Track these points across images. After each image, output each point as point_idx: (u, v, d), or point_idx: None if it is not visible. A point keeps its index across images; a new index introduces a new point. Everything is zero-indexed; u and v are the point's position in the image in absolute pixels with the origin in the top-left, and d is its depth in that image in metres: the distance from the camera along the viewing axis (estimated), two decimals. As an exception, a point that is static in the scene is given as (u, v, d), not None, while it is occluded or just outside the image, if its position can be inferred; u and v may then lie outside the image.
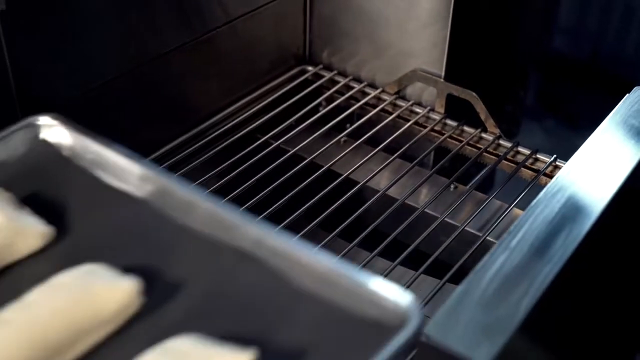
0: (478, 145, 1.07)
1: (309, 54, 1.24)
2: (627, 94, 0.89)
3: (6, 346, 0.52)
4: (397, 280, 0.81)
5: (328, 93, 1.16)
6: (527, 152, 1.04)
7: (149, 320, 0.57)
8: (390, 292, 0.58)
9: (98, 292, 0.56)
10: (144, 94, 0.99)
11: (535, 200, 0.73)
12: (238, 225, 0.63)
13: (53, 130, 0.72)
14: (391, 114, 1.12)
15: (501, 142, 1.06)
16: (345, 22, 1.18)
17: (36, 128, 0.72)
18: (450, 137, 1.08)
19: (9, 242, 0.61)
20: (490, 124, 1.06)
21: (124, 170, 0.69)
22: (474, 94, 1.06)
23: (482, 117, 1.06)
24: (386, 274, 0.85)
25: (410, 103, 1.13)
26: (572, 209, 0.72)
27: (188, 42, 1.04)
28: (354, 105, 1.15)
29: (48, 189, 0.68)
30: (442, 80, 1.10)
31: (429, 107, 1.12)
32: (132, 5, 0.93)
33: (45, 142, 0.72)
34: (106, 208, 0.67)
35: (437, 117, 1.11)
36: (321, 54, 1.23)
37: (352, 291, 0.58)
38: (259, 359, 0.53)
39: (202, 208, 0.65)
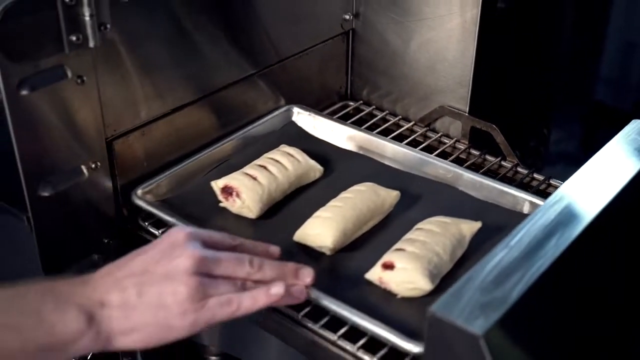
0: (498, 171, 1.20)
1: (350, 91, 1.39)
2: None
3: (339, 214, 0.99)
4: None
5: (366, 125, 1.31)
6: (541, 178, 1.17)
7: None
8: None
9: (381, 193, 1.05)
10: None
11: (536, 210, 0.87)
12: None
13: (299, 115, 1.24)
14: (422, 143, 1.27)
15: (519, 169, 1.20)
16: (382, 64, 1.33)
17: (289, 113, 1.24)
18: (473, 164, 1.22)
19: (304, 172, 1.10)
20: (509, 153, 1.19)
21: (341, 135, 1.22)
22: (494, 126, 1.20)
23: (502, 147, 1.20)
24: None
25: (439, 135, 1.28)
26: (566, 217, 0.85)
27: (243, 77, 1.20)
28: (389, 135, 1.29)
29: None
30: (466, 114, 1.24)
31: (455, 139, 1.26)
32: (201, 43, 1.11)
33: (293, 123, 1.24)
34: (340, 162, 1.17)
35: (462, 146, 1.25)
36: (361, 92, 1.38)
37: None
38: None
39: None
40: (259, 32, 1.21)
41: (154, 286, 0.78)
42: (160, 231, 1.04)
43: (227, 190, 1.05)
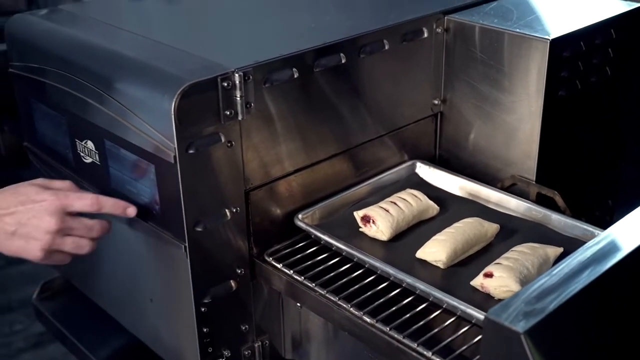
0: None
1: (439, 163, 1.67)
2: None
3: (452, 237, 1.30)
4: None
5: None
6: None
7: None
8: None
9: (485, 225, 1.35)
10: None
11: (578, 249, 1.11)
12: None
13: (421, 168, 1.57)
14: (497, 205, 1.53)
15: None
16: (465, 140, 1.61)
17: (414, 166, 1.58)
18: (538, 222, 1.47)
19: (424, 209, 1.42)
20: (567, 213, 1.44)
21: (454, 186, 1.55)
22: (556, 192, 1.45)
23: (562, 208, 1.44)
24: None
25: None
26: (601, 255, 1.09)
27: (346, 150, 1.50)
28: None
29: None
30: (533, 182, 1.49)
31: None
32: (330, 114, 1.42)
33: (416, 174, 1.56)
34: (452, 204, 1.49)
35: (532, 209, 1.50)
36: (447, 164, 1.66)
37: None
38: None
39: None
40: (377, 107, 1.52)
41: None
42: (281, 264, 1.33)
43: (366, 219, 1.39)
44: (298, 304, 1.39)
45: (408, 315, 1.21)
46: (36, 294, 1.88)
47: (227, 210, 1.31)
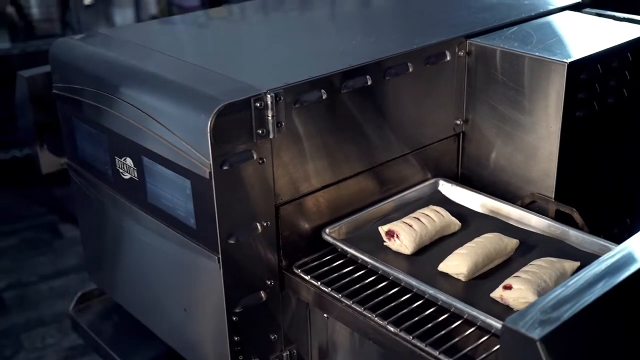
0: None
1: (460, 181, 1.73)
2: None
3: (473, 251, 1.37)
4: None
5: (472, 207, 1.64)
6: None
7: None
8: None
9: (504, 240, 1.42)
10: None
11: (594, 262, 1.17)
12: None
13: (443, 186, 1.64)
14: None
15: (592, 240, 1.49)
16: (486, 159, 1.67)
17: (437, 184, 1.65)
18: (557, 238, 1.52)
19: (447, 224, 1.48)
20: (585, 229, 1.49)
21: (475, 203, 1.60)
22: (574, 209, 1.51)
23: (579, 225, 1.50)
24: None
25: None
26: (615, 267, 1.14)
27: (371, 167, 1.57)
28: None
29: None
30: (552, 200, 1.55)
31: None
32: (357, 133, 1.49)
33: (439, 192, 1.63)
34: (474, 220, 1.55)
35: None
36: (469, 181, 1.72)
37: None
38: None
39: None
40: (401, 126, 1.59)
41: None
42: (309, 276, 1.40)
43: (390, 233, 1.46)
44: (325, 315, 1.45)
45: (430, 324, 1.27)
46: (72, 306, 1.96)
47: (257, 224, 1.38)
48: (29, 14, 4.22)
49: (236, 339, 1.41)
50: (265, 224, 1.39)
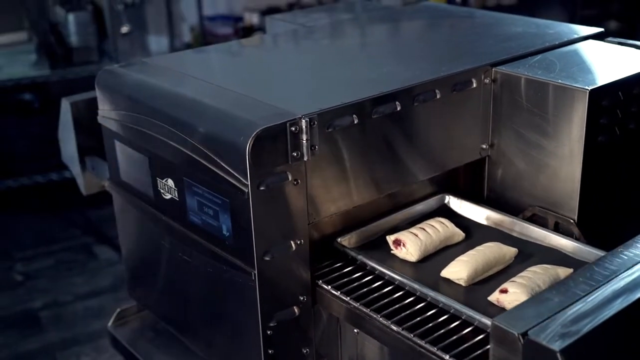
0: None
1: (486, 202, 1.79)
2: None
3: (473, 258, 1.47)
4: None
5: (497, 228, 1.71)
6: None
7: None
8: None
9: (503, 248, 1.51)
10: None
11: (613, 279, 1.22)
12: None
13: (452, 200, 1.73)
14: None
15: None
16: (511, 182, 1.73)
17: (443, 198, 1.73)
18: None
19: (451, 235, 1.59)
20: (582, 239, 1.57)
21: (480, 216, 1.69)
22: (571, 220, 1.61)
23: (576, 235, 1.58)
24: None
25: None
26: (633, 285, 1.20)
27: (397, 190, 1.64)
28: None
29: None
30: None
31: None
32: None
33: (446, 205, 1.73)
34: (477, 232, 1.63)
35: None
36: (494, 203, 1.78)
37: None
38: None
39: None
40: (429, 150, 1.66)
41: None
42: (329, 286, 1.46)
43: (397, 242, 1.56)
44: (355, 330, 1.52)
45: (455, 337, 1.33)
46: (112, 322, 2.04)
47: (292, 242, 1.45)
48: (68, 42, 4.36)
49: (270, 352, 1.48)
50: (298, 242, 1.46)
